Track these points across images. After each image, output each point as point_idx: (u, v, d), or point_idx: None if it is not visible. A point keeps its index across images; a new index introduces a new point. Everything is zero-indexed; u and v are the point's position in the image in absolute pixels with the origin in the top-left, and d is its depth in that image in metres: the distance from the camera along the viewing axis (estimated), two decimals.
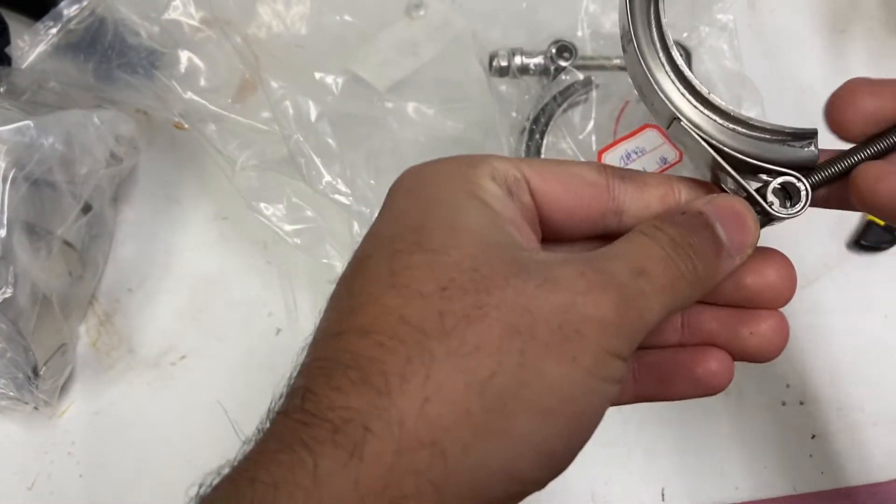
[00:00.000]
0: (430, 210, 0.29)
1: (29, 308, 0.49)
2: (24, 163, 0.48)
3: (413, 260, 0.27)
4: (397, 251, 0.28)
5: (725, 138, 0.31)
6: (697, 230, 0.30)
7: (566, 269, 0.27)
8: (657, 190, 0.32)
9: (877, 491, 0.54)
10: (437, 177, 0.30)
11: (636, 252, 0.29)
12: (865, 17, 0.68)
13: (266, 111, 0.54)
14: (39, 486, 0.53)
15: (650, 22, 0.32)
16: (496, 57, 0.57)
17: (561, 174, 0.31)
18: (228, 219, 0.59)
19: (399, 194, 0.31)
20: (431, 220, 0.28)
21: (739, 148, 0.31)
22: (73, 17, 0.54)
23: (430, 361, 0.25)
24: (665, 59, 0.32)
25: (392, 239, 0.29)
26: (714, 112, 0.32)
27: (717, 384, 0.33)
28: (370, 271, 0.28)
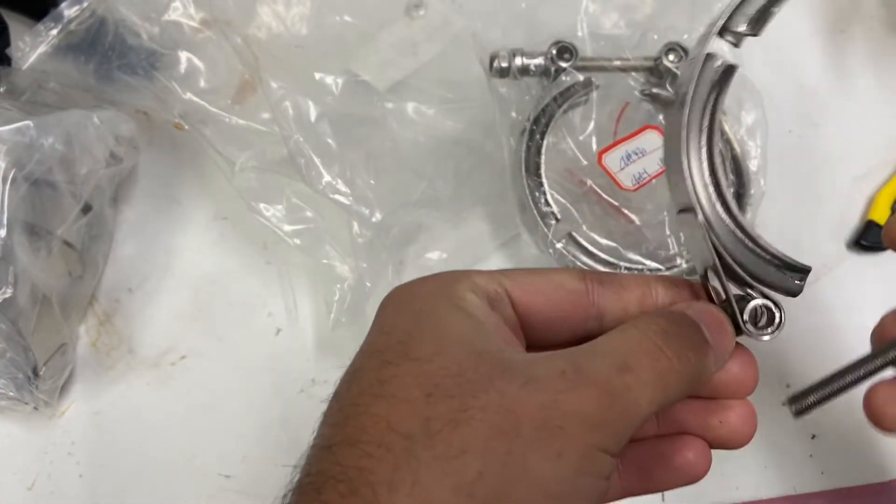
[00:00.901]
0: (417, 322, 0.30)
1: (29, 308, 0.49)
2: (24, 163, 0.48)
3: (400, 369, 0.28)
4: (386, 362, 0.29)
5: (728, 244, 0.32)
6: (687, 325, 0.31)
7: (548, 367, 0.28)
8: (634, 292, 0.33)
9: (877, 491, 0.54)
10: (423, 292, 0.31)
11: (622, 347, 0.29)
12: (866, 17, 0.68)
13: (266, 112, 0.54)
14: (39, 486, 0.53)
15: (706, 105, 0.32)
16: (497, 58, 0.57)
17: (541, 285, 0.32)
18: (228, 219, 0.59)
19: (388, 310, 0.32)
20: (418, 330, 0.29)
21: (738, 258, 0.32)
22: (74, 18, 0.54)
23: (417, 467, 0.25)
24: (705, 145, 0.32)
25: (381, 351, 0.29)
26: (728, 216, 0.32)
27: (697, 473, 0.34)
28: (359, 383, 0.29)
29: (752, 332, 0.32)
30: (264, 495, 0.31)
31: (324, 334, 0.56)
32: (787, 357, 0.56)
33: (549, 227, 0.54)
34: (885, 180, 0.62)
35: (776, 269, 0.32)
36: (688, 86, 0.32)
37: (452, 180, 0.57)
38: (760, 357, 0.56)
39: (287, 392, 0.55)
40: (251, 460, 0.53)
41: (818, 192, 0.62)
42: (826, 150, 0.63)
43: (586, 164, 0.56)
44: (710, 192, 0.32)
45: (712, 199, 0.32)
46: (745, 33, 0.33)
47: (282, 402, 0.55)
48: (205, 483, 0.53)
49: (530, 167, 0.55)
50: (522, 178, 0.55)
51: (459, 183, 0.57)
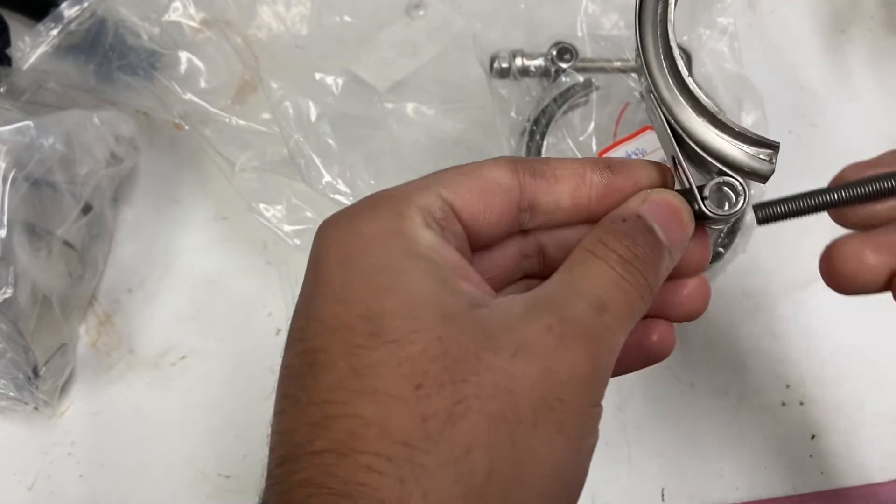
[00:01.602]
0: (375, 285, 0.27)
1: (29, 308, 0.49)
2: (24, 163, 0.48)
3: (377, 355, 0.25)
4: (356, 346, 0.26)
5: (691, 126, 0.31)
6: (640, 237, 0.30)
7: (532, 326, 0.26)
8: (568, 184, 0.32)
9: (877, 491, 0.54)
10: (370, 234, 0.28)
11: (592, 281, 0.28)
12: (865, 17, 0.68)
13: (266, 112, 0.54)
14: (39, 486, 0.53)
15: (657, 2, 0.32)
16: (497, 58, 0.57)
17: (477, 186, 0.30)
18: (228, 219, 0.59)
19: (330, 265, 0.28)
20: (381, 299, 0.26)
21: (700, 139, 0.31)
22: (74, 18, 0.54)
23: (423, 477, 0.24)
24: (661, 34, 0.31)
25: (344, 329, 0.26)
26: (687, 97, 0.31)
27: (664, 352, 0.34)
28: (329, 372, 0.26)
29: (715, 213, 0.31)
30: None
31: None
32: (787, 357, 0.56)
33: None
34: None
35: (742, 147, 0.31)
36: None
37: None
38: (759, 358, 0.56)
39: None
40: (251, 460, 0.53)
41: None
42: (826, 150, 0.63)
43: None
44: (668, 77, 0.31)
45: (670, 83, 0.31)
46: None
47: None
48: (204, 483, 0.53)
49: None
50: None
51: None
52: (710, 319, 0.57)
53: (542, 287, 0.29)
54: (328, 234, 0.29)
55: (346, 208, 0.30)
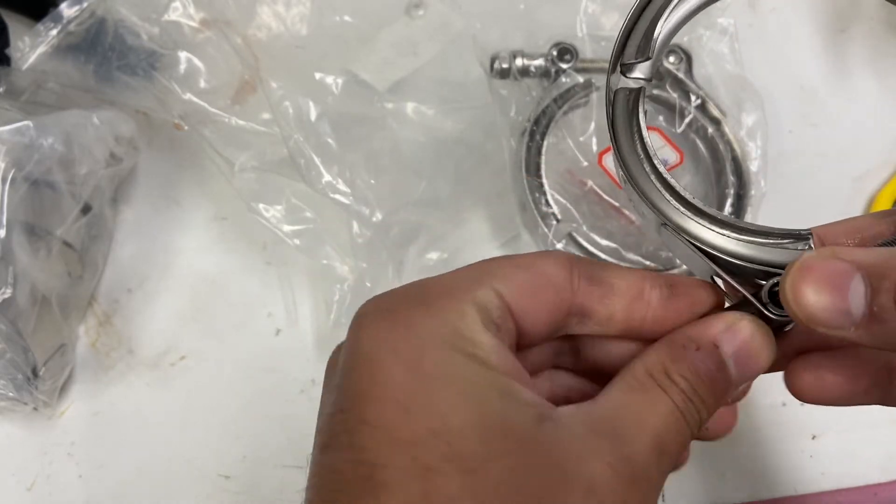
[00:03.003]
0: (443, 397, 0.24)
1: (28, 308, 0.49)
2: (23, 163, 0.48)
3: (453, 486, 0.23)
4: (427, 469, 0.23)
5: (718, 242, 0.30)
6: (709, 374, 0.28)
7: (598, 464, 0.25)
8: (624, 298, 0.30)
9: (877, 492, 0.54)
10: (426, 340, 0.26)
11: (653, 415, 0.27)
12: (866, 17, 0.68)
13: (265, 112, 0.54)
14: (39, 486, 0.53)
15: (632, 132, 0.31)
16: (497, 59, 0.57)
17: (529, 281, 0.29)
18: (228, 219, 0.59)
19: (388, 365, 0.25)
20: (452, 416, 0.24)
21: (732, 251, 0.30)
22: (74, 18, 0.54)
23: None
24: (650, 169, 0.31)
25: (411, 444, 0.23)
26: (703, 218, 0.30)
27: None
28: (395, 494, 0.23)
29: (781, 316, 0.29)
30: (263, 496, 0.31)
31: (324, 335, 0.56)
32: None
33: (549, 228, 0.54)
34: (886, 180, 0.62)
35: (776, 247, 0.30)
36: (609, 130, 0.31)
37: (452, 180, 0.57)
38: None
39: (287, 392, 0.55)
40: (251, 461, 0.53)
41: (818, 193, 0.62)
42: (826, 151, 0.63)
43: (586, 165, 0.56)
44: (676, 205, 0.30)
45: (681, 210, 0.30)
46: (638, 62, 0.32)
47: (282, 402, 0.55)
48: (204, 483, 0.53)
49: (531, 168, 0.55)
50: (523, 178, 0.55)
51: (459, 183, 0.57)
52: None
53: (600, 405, 0.27)
54: (378, 328, 0.26)
55: (391, 297, 0.28)
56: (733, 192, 0.56)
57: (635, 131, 0.31)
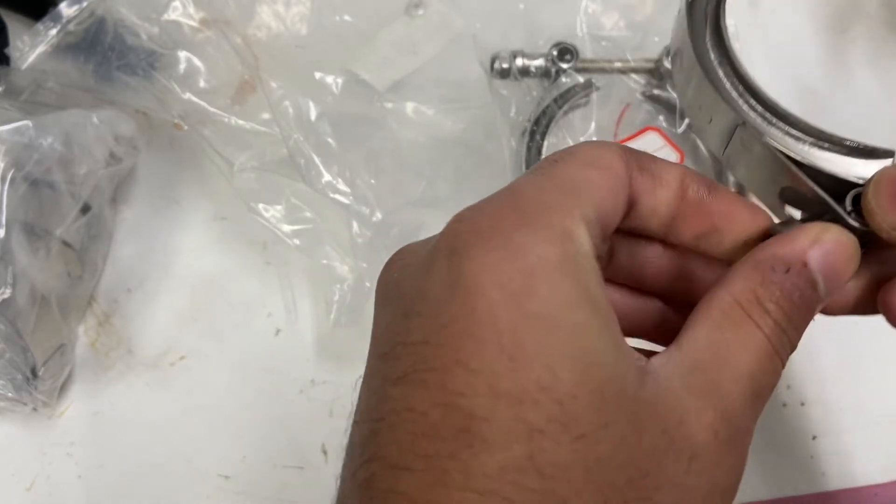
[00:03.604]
0: (552, 345, 0.21)
1: (27, 308, 0.49)
2: (22, 163, 0.48)
3: (563, 453, 0.20)
4: (534, 429, 0.20)
5: (797, 150, 0.28)
6: (801, 296, 0.26)
7: (699, 425, 0.23)
8: (670, 190, 0.28)
9: (878, 492, 0.53)
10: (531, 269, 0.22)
11: (748, 355, 0.25)
12: (867, 18, 0.68)
13: (265, 112, 0.54)
14: (38, 487, 0.52)
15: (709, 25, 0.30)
16: (497, 59, 0.57)
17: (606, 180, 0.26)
18: (227, 219, 0.59)
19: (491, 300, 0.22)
20: (561, 369, 0.21)
21: (814, 161, 0.28)
22: (73, 17, 0.54)
23: None
24: (729, 67, 0.30)
25: (516, 400, 0.21)
26: (785, 121, 0.29)
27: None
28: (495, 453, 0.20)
29: (865, 226, 0.27)
30: (264, 496, 0.31)
31: (324, 335, 0.56)
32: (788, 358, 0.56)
33: None
34: None
35: (856, 159, 0.28)
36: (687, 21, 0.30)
37: (452, 180, 0.57)
38: None
39: (287, 393, 0.55)
40: (250, 461, 0.53)
41: None
42: None
43: None
44: (755, 107, 0.29)
45: (760, 111, 0.29)
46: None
47: (281, 402, 0.55)
48: (204, 484, 0.53)
49: (531, 167, 0.55)
50: None
51: (459, 183, 0.57)
52: None
53: (690, 350, 0.25)
54: (478, 253, 0.23)
55: (486, 214, 0.25)
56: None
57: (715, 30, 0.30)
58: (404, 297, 0.24)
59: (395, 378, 0.22)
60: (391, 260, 0.27)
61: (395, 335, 0.23)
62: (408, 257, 0.26)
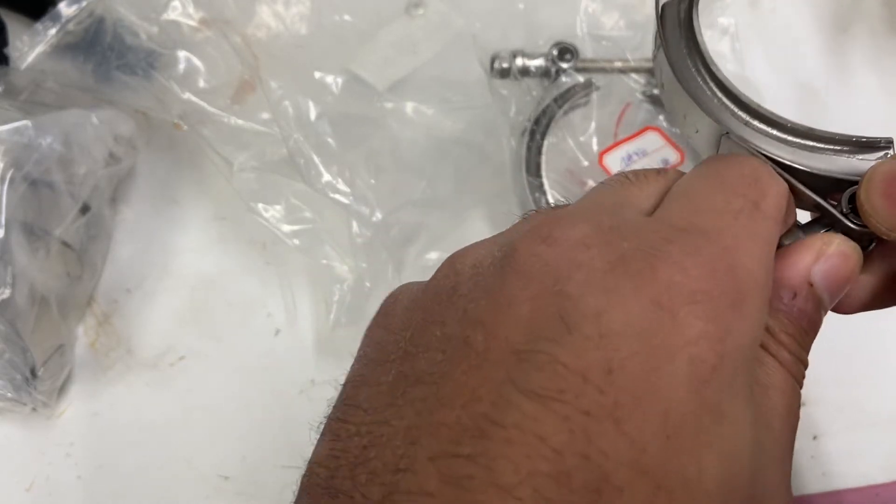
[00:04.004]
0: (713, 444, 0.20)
1: (27, 309, 0.49)
2: (22, 163, 0.48)
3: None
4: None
5: (785, 154, 0.27)
6: (812, 321, 0.25)
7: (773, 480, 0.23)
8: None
9: (879, 492, 0.53)
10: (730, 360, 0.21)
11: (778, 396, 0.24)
12: (867, 17, 0.67)
13: (265, 112, 0.54)
14: (37, 487, 0.52)
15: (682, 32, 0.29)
16: (497, 59, 0.57)
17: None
18: (227, 219, 0.59)
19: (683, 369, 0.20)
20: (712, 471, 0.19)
21: (804, 163, 0.27)
22: (72, 17, 0.53)
23: None
24: (708, 76, 0.28)
25: (657, 486, 0.18)
26: (768, 125, 0.28)
27: None
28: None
29: (862, 226, 0.26)
30: (263, 497, 0.31)
31: (323, 335, 0.56)
32: None
33: None
34: None
35: (850, 156, 0.27)
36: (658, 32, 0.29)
37: (452, 180, 0.57)
38: None
39: (286, 393, 0.55)
40: (250, 461, 0.53)
41: None
42: None
43: (587, 165, 0.56)
44: (736, 112, 0.28)
45: (742, 118, 0.28)
46: None
47: (281, 403, 0.55)
48: (203, 484, 0.53)
49: (531, 167, 0.55)
50: (523, 178, 0.55)
51: (459, 183, 0.57)
52: None
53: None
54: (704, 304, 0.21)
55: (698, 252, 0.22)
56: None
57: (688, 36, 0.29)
58: (570, 306, 0.20)
59: (533, 392, 0.19)
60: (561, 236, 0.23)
61: (543, 342, 0.20)
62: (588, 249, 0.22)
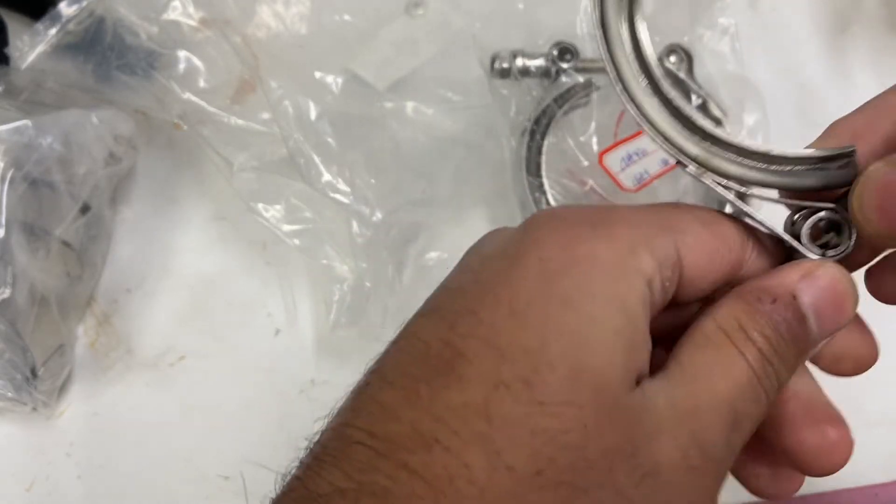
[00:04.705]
0: (559, 320, 0.23)
1: (27, 309, 0.49)
2: (22, 163, 0.48)
3: (515, 410, 0.22)
4: (502, 381, 0.22)
5: (743, 172, 0.26)
6: (791, 330, 0.25)
7: (668, 447, 0.23)
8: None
9: (878, 492, 0.53)
10: (589, 256, 0.24)
11: (728, 382, 0.24)
12: (867, 17, 0.68)
13: (265, 112, 0.54)
14: (37, 487, 0.52)
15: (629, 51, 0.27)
16: (497, 59, 0.57)
17: (710, 242, 0.26)
18: (227, 219, 0.59)
19: (531, 262, 0.24)
20: (556, 342, 0.22)
21: (760, 180, 0.26)
22: (73, 17, 0.53)
23: None
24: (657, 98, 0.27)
25: (502, 353, 0.22)
26: (724, 148, 0.27)
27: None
28: (461, 391, 0.22)
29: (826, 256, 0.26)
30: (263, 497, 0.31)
31: (323, 335, 0.56)
32: None
33: None
34: None
35: (813, 171, 0.26)
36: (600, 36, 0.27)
37: (452, 180, 0.57)
38: None
39: (286, 393, 0.55)
40: (250, 462, 0.53)
41: None
42: None
43: (587, 165, 0.56)
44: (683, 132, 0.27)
45: (694, 140, 0.26)
46: None
47: (281, 403, 0.55)
48: (203, 484, 0.53)
49: (531, 167, 0.55)
50: (523, 178, 0.55)
51: (459, 183, 0.57)
52: None
53: (672, 374, 0.25)
54: (544, 230, 0.25)
55: (582, 208, 0.26)
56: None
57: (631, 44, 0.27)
58: (471, 253, 0.27)
59: (423, 311, 0.26)
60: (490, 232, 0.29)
61: (445, 280, 0.26)
62: (499, 231, 0.28)
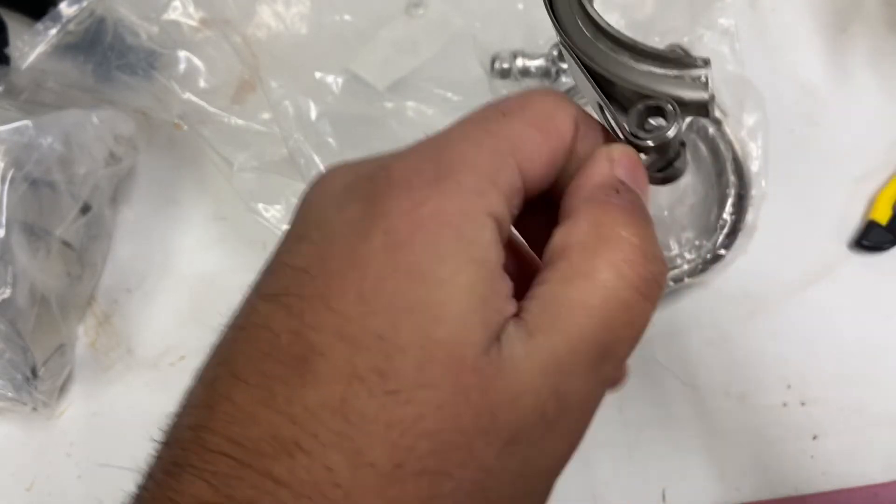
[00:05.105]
0: (408, 296, 0.21)
1: (27, 308, 0.49)
2: (22, 163, 0.48)
3: (370, 405, 0.20)
4: (356, 376, 0.21)
5: (610, 67, 0.26)
6: (643, 211, 0.25)
7: (528, 404, 0.22)
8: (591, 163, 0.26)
9: (878, 492, 0.53)
10: (439, 220, 0.22)
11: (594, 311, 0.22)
12: (867, 16, 0.67)
13: (265, 112, 0.54)
14: (38, 487, 0.52)
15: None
16: (497, 59, 0.57)
17: (546, 148, 0.25)
18: (227, 219, 0.59)
19: (375, 240, 0.22)
20: (404, 323, 0.21)
21: (623, 77, 0.26)
22: (73, 17, 0.54)
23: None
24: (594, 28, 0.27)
25: (355, 344, 0.21)
26: (604, 37, 0.27)
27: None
28: (317, 388, 0.21)
29: (645, 137, 0.26)
30: None
31: None
32: (789, 358, 0.56)
33: None
34: (886, 180, 0.61)
35: (670, 75, 0.26)
36: None
37: None
38: (761, 359, 0.56)
39: None
40: None
41: (819, 193, 0.62)
42: (827, 151, 0.63)
43: None
44: (581, 25, 0.27)
45: (586, 32, 0.27)
46: None
47: None
48: None
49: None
50: None
51: None
52: (711, 320, 0.56)
53: (541, 312, 0.23)
54: (384, 198, 0.23)
55: (411, 158, 0.24)
56: (734, 192, 0.56)
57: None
58: (307, 220, 0.25)
59: (268, 294, 0.24)
60: (321, 177, 0.26)
61: (284, 254, 0.24)
62: (333, 181, 0.25)
